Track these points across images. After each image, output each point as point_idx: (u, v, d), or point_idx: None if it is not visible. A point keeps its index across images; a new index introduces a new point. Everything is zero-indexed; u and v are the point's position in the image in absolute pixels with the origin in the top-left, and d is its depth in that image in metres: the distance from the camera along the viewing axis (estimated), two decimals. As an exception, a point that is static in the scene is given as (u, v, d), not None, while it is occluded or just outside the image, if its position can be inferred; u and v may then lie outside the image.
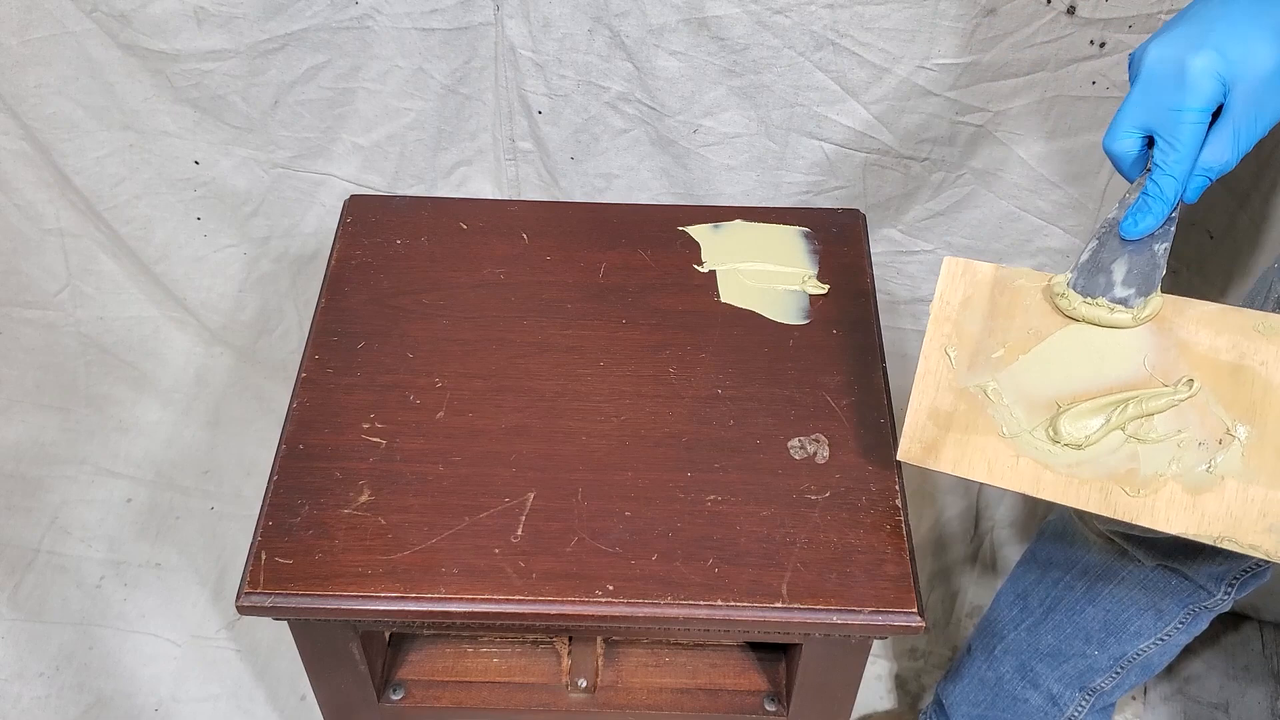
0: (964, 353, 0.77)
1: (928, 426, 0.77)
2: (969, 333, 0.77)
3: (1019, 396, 0.76)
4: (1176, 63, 0.68)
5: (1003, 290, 0.77)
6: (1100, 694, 1.08)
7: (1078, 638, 1.05)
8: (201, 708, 1.28)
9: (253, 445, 1.44)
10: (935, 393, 0.77)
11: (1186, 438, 0.72)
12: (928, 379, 0.78)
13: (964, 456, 0.76)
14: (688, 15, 1.04)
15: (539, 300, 0.94)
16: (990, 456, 0.76)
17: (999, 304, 0.77)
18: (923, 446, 0.77)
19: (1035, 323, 0.76)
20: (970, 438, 0.76)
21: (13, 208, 1.24)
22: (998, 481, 0.75)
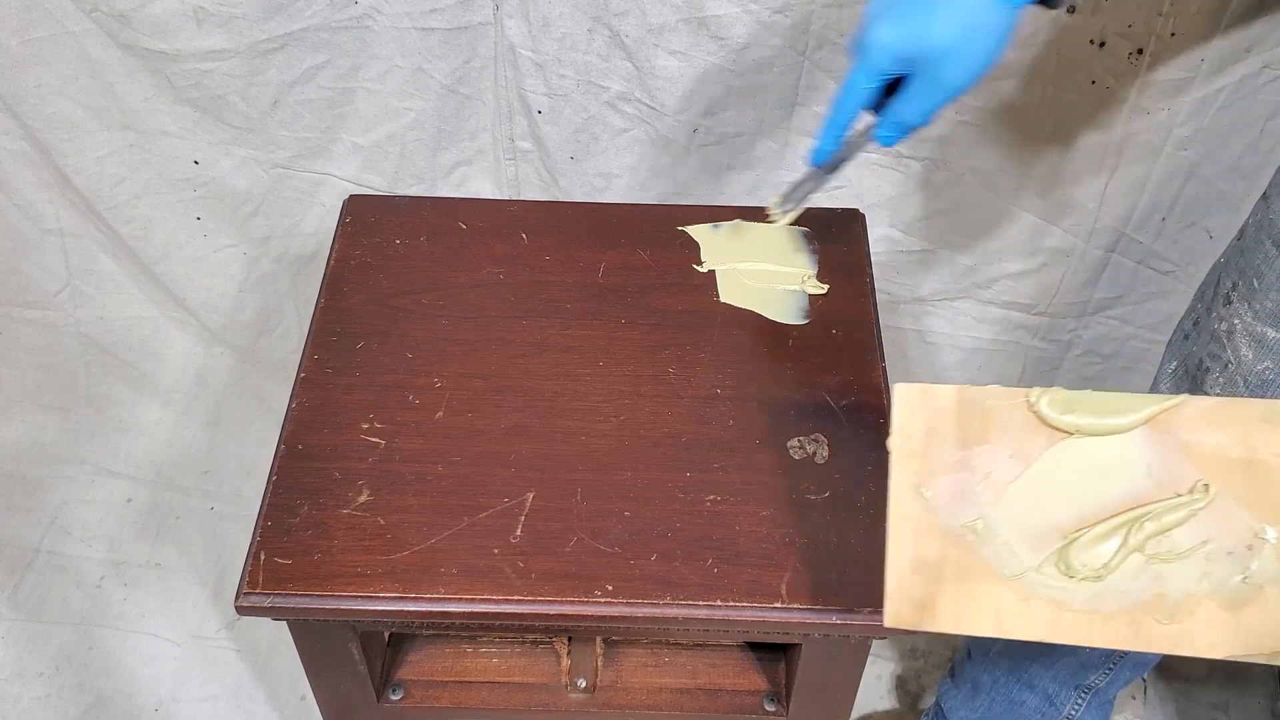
0: (940, 490, 0.68)
1: (914, 582, 0.68)
2: (942, 466, 0.69)
3: (1015, 531, 0.67)
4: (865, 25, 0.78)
5: (970, 414, 0.69)
6: (1096, 690, 1.08)
7: None
8: (201, 708, 1.28)
9: (253, 445, 1.44)
10: (915, 541, 0.68)
11: (1213, 549, 0.65)
12: (903, 526, 0.68)
13: (965, 610, 0.67)
14: (688, 15, 1.04)
15: (538, 300, 0.94)
16: (996, 605, 0.67)
17: (969, 430, 0.69)
18: (913, 606, 0.68)
19: (1017, 445, 0.68)
20: (968, 587, 0.67)
21: (13, 208, 1.24)
22: (1010, 633, 0.67)
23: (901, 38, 0.77)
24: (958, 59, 0.77)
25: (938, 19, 0.76)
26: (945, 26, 0.76)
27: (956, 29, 0.76)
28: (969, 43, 0.76)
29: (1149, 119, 1.07)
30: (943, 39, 0.76)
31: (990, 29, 0.76)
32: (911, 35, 0.77)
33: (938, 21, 0.76)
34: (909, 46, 0.77)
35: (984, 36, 0.76)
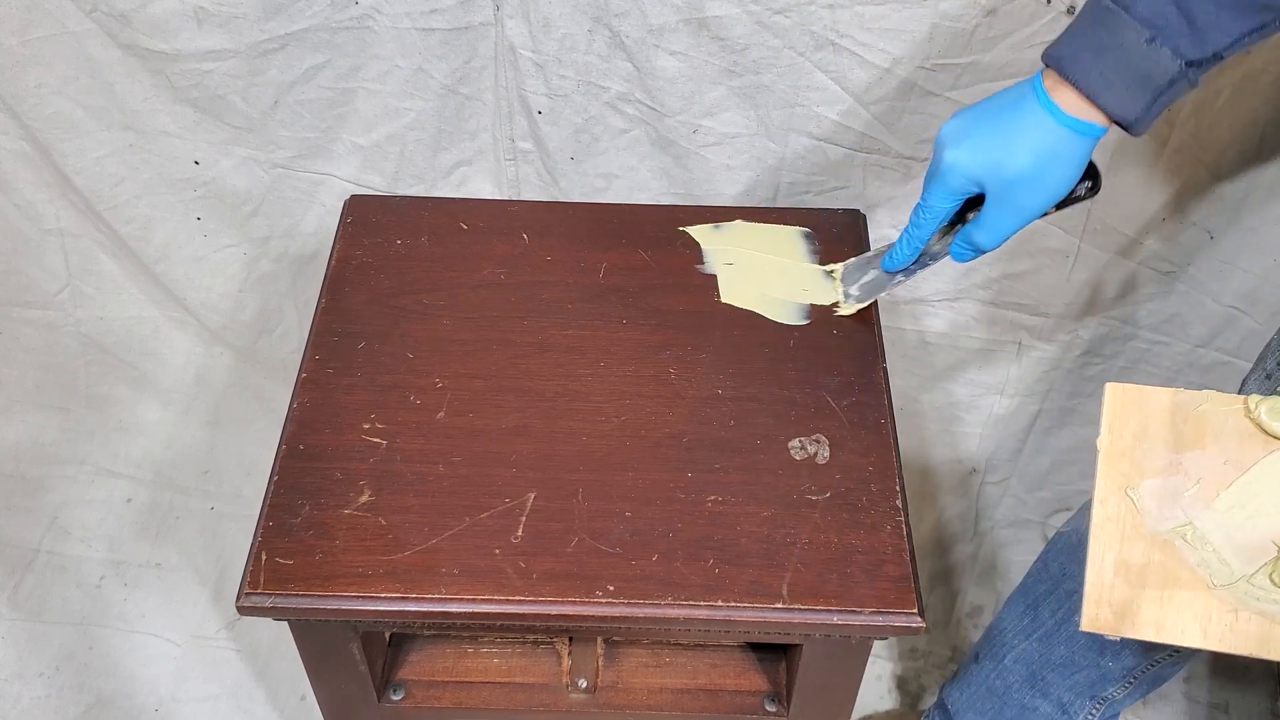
0: (1148, 493, 0.67)
1: (1117, 586, 0.66)
2: (1151, 469, 0.67)
3: (1226, 539, 0.65)
4: (940, 150, 0.81)
5: (1185, 418, 0.68)
6: (1111, 703, 1.08)
7: (1091, 649, 1.04)
8: (201, 708, 1.28)
9: (253, 445, 1.44)
10: (1120, 544, 0.66)
11: None
12: (1108, 528, 0.66)
13: (1168, 618, 0.65)
14: (688, 15, 1.04)
15: (539, 300, 0.94)
16: (1202, 615, 0.64)
17: (1183, 433, 0.67)
18: (1114, 611, 0.65)
19: (1232, 452, 0.67)
20: (1173, 594, 0.65)
21: (13, 208, 1.24)
22: (1215, 645, 0.64)
23: (980, 164, 0.79)
24: (1033, 187, 0.79)
25: (1016, 148, 0.77)
26: (1022, 156, 0.77)
27: (1033, 158, 0.77)
28: (1045, 171, 0.78)
29: (1149, 119, 1.07)
30: (1019, 168, 0.78)
31: (1066, 157, 0.78)
32: (990, 162, 0.79)
33: (1016, 150, 0.78)
34: (987, 172, 0.79)
35: (1060, 165, 0.78)
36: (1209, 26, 0.71)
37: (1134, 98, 0.74)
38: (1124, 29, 0.73)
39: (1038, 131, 0.77)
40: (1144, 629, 0.65)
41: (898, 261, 0.90)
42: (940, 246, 0.89)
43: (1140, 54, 0.73)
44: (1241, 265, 1.16)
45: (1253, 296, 1.18)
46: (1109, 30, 0.73)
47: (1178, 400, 0.69)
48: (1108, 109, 0.75)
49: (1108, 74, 0.74)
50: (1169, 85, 0.73)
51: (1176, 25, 0.71)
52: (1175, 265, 1.19)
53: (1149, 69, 0.73)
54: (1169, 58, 0.72)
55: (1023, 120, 0.78)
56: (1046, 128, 0.77)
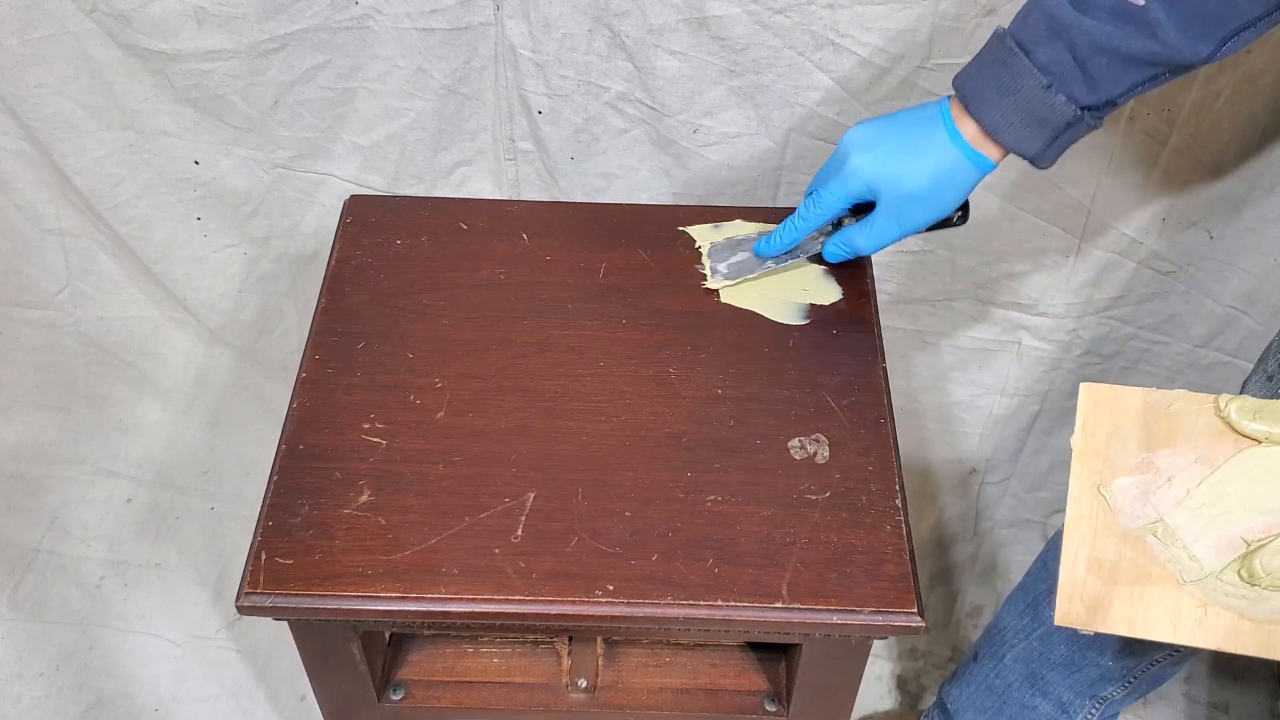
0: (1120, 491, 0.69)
1: (1089, 581, 0.67)
2: (1123, 467, 0.69)
3: (1197, 536, 0.67)
4: (846, 152, 0.85)
5: (1157, 416, 0.69)
6: (1111, 702, 1.08)
7: (1092, 649, 1.04)
8: (201, 708, 1.28)
9: (253, 445, 1.44)
10: (1093, 540, 0.68)
11: None
12: (1081, 525, 0.68)
13: (1139, 613, 0.66)
14: (688, 15, 1.04)
15: (539, 300, 0.94)
16: (1171, 610, 0.66)
17: (1155, 432, 0.69)
18: (1086, 606, 0.67)
19: (1202, 450, 0.68)
20: (1144, 590, 0.66)
21: (13, 208, 1.24)
22: (1185, 639, 0.66)
23: (882, 174, 0.83)
24: (923, 204, 0.84)
25: (918, 165, 0.83)
26: (922, 174, 0.83)
27: (931, 178, 0.83)
28: (938, 192, 0.84)
29: (1149, 119, 1.07)
30: (916, 184, 0.83)
31: (959, 183, 0.83)
32: (891, 174, 0.83)
33: (917, 168, 0.83)
34: (886, 183, 0.84)
35: (951, 189, 0.84)
36: (1101, 76, 0.75)
37: (1033, 137, 0.79)
38: (1023, 73, 0.77)
39: (940, 155, 0.82)
40: (1116, 624, 0.66)
41: (773, 248, 0.93)
42: (814, 243, 0.93)
43: (1038, 98, 0.77)
44: (1241, 265, 1.16)
45: (1253, 296, 1.18)
46: (1011, 72, 0.77)
47: (1150, 400, 0.70)
48: (1008, 146, 0.80)
49: (1008, 114, 0.78)
50: (1066, 127, 0.78)
51: (1071, 73, 0.75)
52: (1175, 265, 1.19)
53: (1046, 113, 0.77)
54: (1064, 103, 0.76)
55: (929, 141, 0.82)
56: (949, 153, 0.82)
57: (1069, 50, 0.75)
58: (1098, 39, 0.74)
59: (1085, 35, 0.74)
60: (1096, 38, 0.74)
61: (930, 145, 0.82)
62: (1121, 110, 1.06)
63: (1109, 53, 0.74)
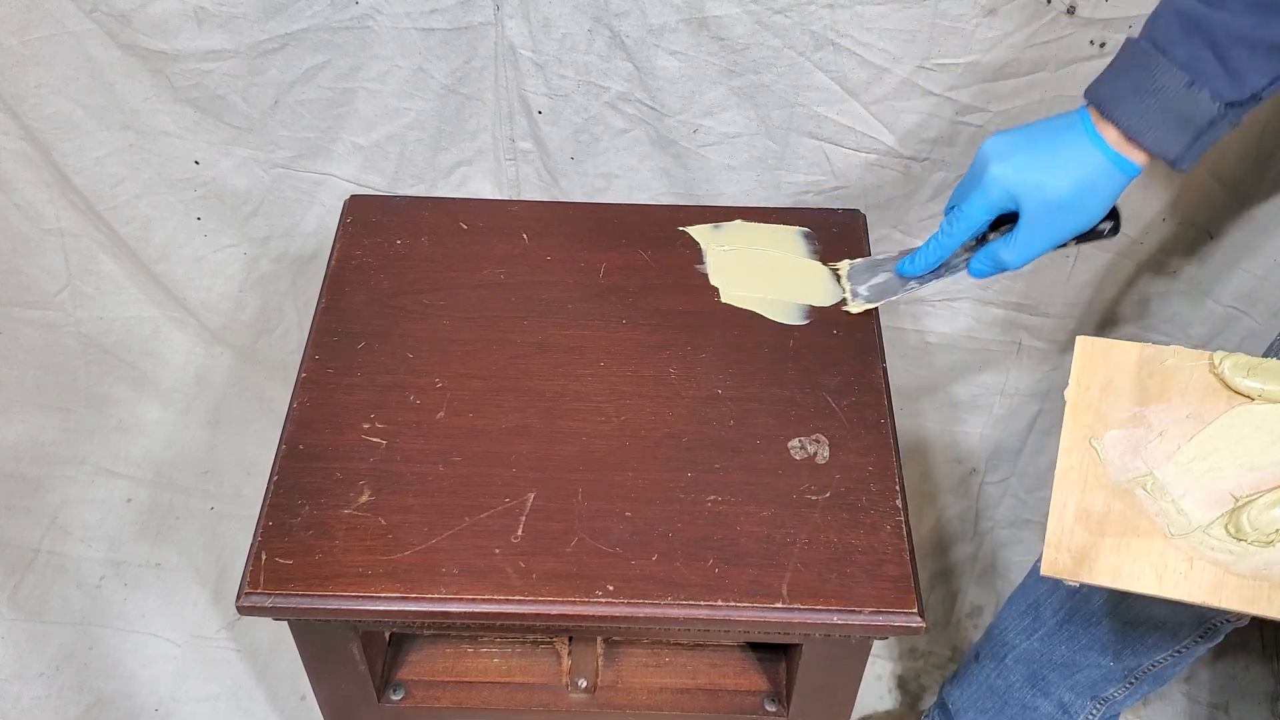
0: (1111, 444, 0.69)
1: (1076, 532, 0.67)
2: (1116, 421, 0.69)
3: (1186, 490, 0.67)
4: (985, 162, 0.82)
5: (1151, 371, 0.70)
6: (1112, 703, 1.08)
7: (1093, 649, 1.04)
8: (201, 708, 1.28)
9: (253, 445, 1.44)
10: (1082, 492, 0.68)
11: None
12: (1071, 476, 0.69)
13: (1125, 565, 0.66)
14: (688, 15, 1.04)
15: (539, 300, 0.94)
16: (1157, 563, 0.66)
17: (1148, 387, 0.69)
18: (1073, 556, 0.67)
19: (1195, 406, 0.69)
20: (1130, 542, 0.66)
21: (13, 208, 1.24)
22: (1169, 592, 0.66)
23: (1024, 182, 0.81)
24: (1068, 212, 0.81)
25: (1060, 172, 0.80)
26: (1064, 181, 0.80)
27: (1074, 185, 0.80)
28: (1082, 199, 0.80)
29: (1149, 119, 1.07)
30: (1060, 192, 0.80)
31: (1103, 189, 0.80)
32: (1033, 181, 0.81)
33: (1059, 174, 0.80)
34: (1028, 191, 0.81)
35: (1096, 196, 0.81)
36: (1244, 70, 0.73)
37: (1175, 138, 0.76)
38: (1163, 73, 0.75)
39: (1082, 160, 0.79)
40: (1101, 575, 0.66)
41: (919, 267, 0.90)
42: (959, 260, 0.90)
43: (1180, 97, 0.75)
44: (1241, 265, 1.16)
45: (1253, 296, 1.18)
46: (1149, 74, 0.75)
47: (1144, 355, 0.71)
48: (1151, 149, 0.77)
49: (1149, 116, 0.76)
50: (1209, 126, 0.75)
51: (1213, 69, 0.73)
52: (1175, 265, 1.19)
53: (1190, 111, 0.75)
54: (1208, 100, 0.74)
55: (1069, 148, 0.80)
56: (1091, 158, 0.79)
57: (1209, 46, 0.73)
58: (1237, 31, 0.72)
59: (1224, 29, 0.72)
60: (1236, 30, 0.72)
61: (1071, 151, 0.80)
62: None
63: (1250, 44, 0.72)
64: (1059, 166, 0.80)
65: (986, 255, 0.87)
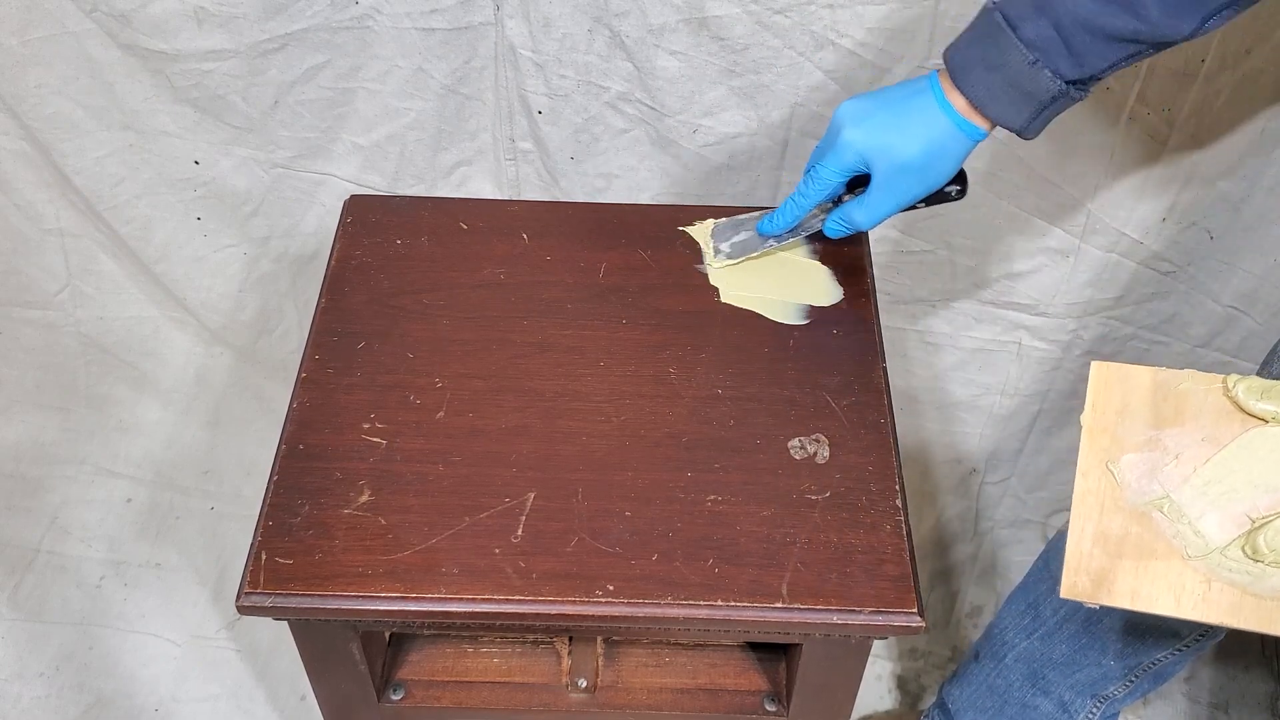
0: (1128, 467, 0.69)
1: (1095, 555, 0.68)
2: (1132, 444, 0.70)
3: (1203, 512, 0.68)
4: (839, 126, 0.86)
5: (1165, 395, 0.70)
6: (1112, 701, 1.08)
7: (1093, 648, 1.04)
8: (201, 708, 1.28)
9: (253, 445, 1.44)
10: (1100, 515, 0.69)
11: None
12: (1088, 500, 0.69)
13: (1143, 587, 0.67)
14: (688, 15, 1.04)
15: (539, 300, 0.94)
16: (1176, 585, 0.66)
17: (1163, 411, 0.70)
18: (1091, 579, 0.68)
19: (1210, 429, 0.69)
20: (1148, 564, 0.67)
21: (13, 208, 1.24)
22: (1188, 614, 0.66)
23: (874, 145, 0.85)
24: (917, 175, 0.85)
25: (909, 136, 0.84)
26: (914, 144, 0.84)
27: (923, 148, 0.84)
28: (930, 162, 0.85)
29: (1149, 119, 1.07)
30: (909, 154, 0.84)
31: (951, 152, 0.85)
32: (883, 144, 0.85)
33: (909, 138, 0.84)
34: (879, 154, 0.85)
35: (944, 159, 0.85)
36: (1086, 52, 0.77)
37: (1018, 110, 0.81)
38: (1010, 49, 0.78)
39: (930, 125, 0.83)
40: (1120, 597, 0.67)
41: (777, 226, 0.94)
42: (816, 219, 0.94)
43: (1024, 74, 0.79)
44: (1241, 265, 1.16)
45: (1253, 296, 1.18)
46: (998, 48, 0.79)
47: (1159, 378, 0.71)
48: (994, 119, 0.82)
49: (994, 89, 0.80)
50: (1051, 101, 0.80)
51: (1057, 49, 0.77)
52: (1175, 265, 1.19)
53: (1032, 87, 0.79)
54: (1050, 78, 0.78)
55: (919, 112, 0.84)
56: (939, 123, 0.83)
57: (1054, 27, 0.76)
58: (1082, 16, 0.75)
59: (1070, 13, 0.75)
60: (1081, 15, 0.75)
61: (921, 116, 0.84)
62: (1121, 110, 1.06)
63: (1093, 30, 0.76)
64: (908, 130, 0.84)
65: (841, 215, 0.91)
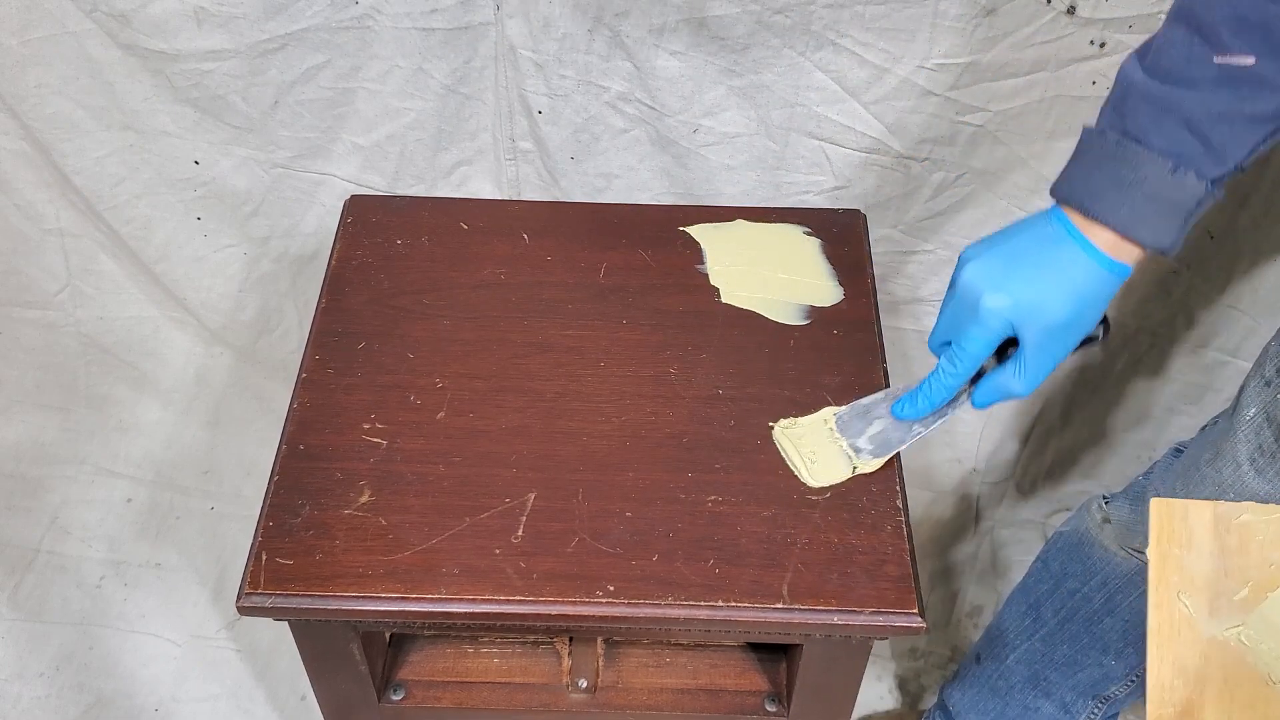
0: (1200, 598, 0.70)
1: (1177, 687, 0.69)
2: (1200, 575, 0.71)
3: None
4: (975, 293, 0.75)
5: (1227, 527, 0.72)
6: (1113, 701, 1.08)
7: (1094, 648, 1.04)
8: (201, 708, 1.28)
9: (253, 445, 1.44)
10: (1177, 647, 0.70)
11: None
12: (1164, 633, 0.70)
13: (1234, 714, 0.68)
14: (688, 15, 1.04)
15: (539, 300, 0.94)
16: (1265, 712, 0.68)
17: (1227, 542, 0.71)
18: (1177, 712, 0.68)
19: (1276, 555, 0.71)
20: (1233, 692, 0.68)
21: (13, 208, 1.24)
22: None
23: (1021, 309, 0.75)
24: (1069, 330, 0.76)
25: (1057, 293, 0.75)
26: (1064, 301, 0.75)
27: (1074, 303, 0.75)
28: (1079, 315, 0.75)
29: (1149, 119, 1.07)
30: (1060, 314, 0.75)
31: (1099, 299, 0.75)
32: (1031, 308, 0.75)
33: (1056, 295, 0.75)
34: (1025, 318, 0.75)
35: (1093, 309, 0.76)
36: (1226, 145, 0.70)
37: (1168, 226, 0.72)
38: (1145, 163, 0.71)
39: (1075, 273, 0.74)
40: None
41: (922, 409, 0.83)
42: (961, 393, 0.82)
43: (1167, 184, 0.71)
44: (1241, 265, 1.16)
45: (1253, 296, 1.18)
46: (1129, 165, 0.72)
47: (1219, 511, 0.72)
48: (1146, 243, 0.73)
49: (1138, 209, 0.72)
50: (1197, 206, 0.72)
51: (1194, 149, 0.70)
52: (1175, 265, 1.19)
53: (1178, 196, 0.71)
54: (1194, 181, 0.71)
55: (1060, 262, 0.75)
56: (1084, 269, 0.74)
57: (1186, 127, 0.70)
58: (1214, 108, 0.69)
59: (1200, 107, 0.69)
60: (1212, 107, 0.69)
61: (1065, 266, 0.74)
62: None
63: (1229, 119, 0.69)
64: (1054, 285, 0.74)
65: (992, 388, 0.80)
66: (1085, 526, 1.04)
